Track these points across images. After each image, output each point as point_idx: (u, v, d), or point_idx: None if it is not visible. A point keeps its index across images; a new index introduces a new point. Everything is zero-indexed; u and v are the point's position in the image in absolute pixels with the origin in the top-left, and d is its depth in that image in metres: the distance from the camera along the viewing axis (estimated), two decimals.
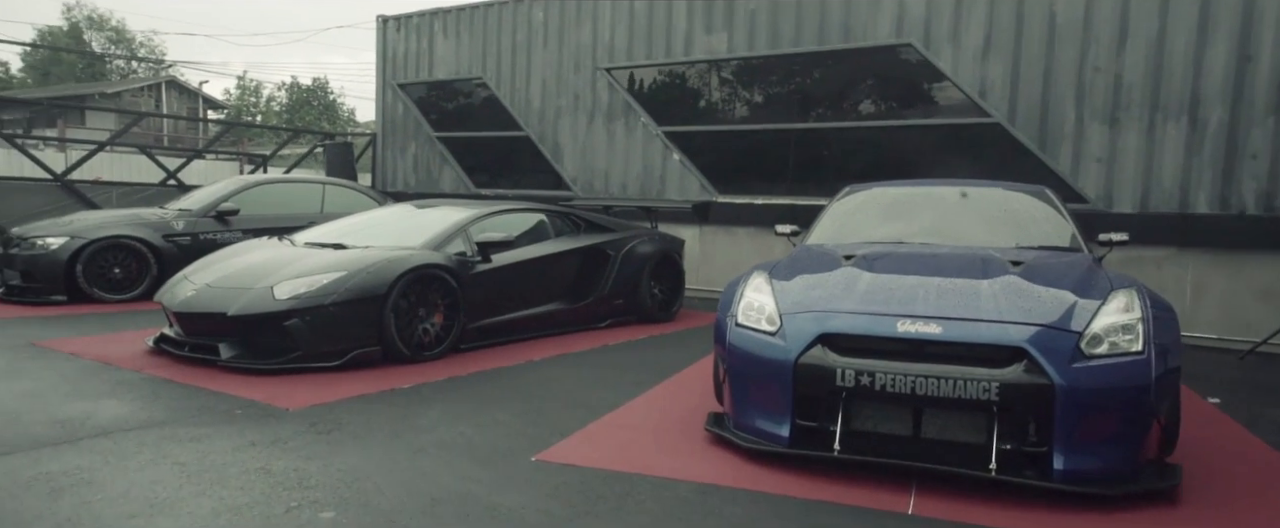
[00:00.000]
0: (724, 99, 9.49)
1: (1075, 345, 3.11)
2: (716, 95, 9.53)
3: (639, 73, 10.00)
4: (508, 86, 11.11)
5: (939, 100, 8.18)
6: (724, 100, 9.49)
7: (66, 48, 40.61)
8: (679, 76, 9.76)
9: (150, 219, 7.73)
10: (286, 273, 4.99)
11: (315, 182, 9.26)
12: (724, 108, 9.48)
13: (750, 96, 9.33)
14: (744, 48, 9.18)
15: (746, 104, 9.35)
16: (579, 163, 10.52)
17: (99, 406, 3.99)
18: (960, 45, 7.95)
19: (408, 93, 12.21)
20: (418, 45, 12.06)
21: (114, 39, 44.88)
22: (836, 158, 8.76)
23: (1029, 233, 4.55)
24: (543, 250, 6.40)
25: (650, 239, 7.48)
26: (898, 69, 8.36)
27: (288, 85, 35.65)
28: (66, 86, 37.21)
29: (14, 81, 43.89)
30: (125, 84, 35.67)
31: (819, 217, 5.17)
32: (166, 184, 10.87)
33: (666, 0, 9.70)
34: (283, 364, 4.73)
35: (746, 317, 3.67)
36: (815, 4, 8.69)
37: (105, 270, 7.33)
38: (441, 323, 5.40)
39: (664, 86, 9.89)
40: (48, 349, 5.32)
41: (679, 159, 9.69)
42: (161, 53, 44.81)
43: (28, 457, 3.21)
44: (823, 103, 8.84)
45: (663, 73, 9.85)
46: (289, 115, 36.75)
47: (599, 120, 10.33)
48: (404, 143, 12.32)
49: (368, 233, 5.97)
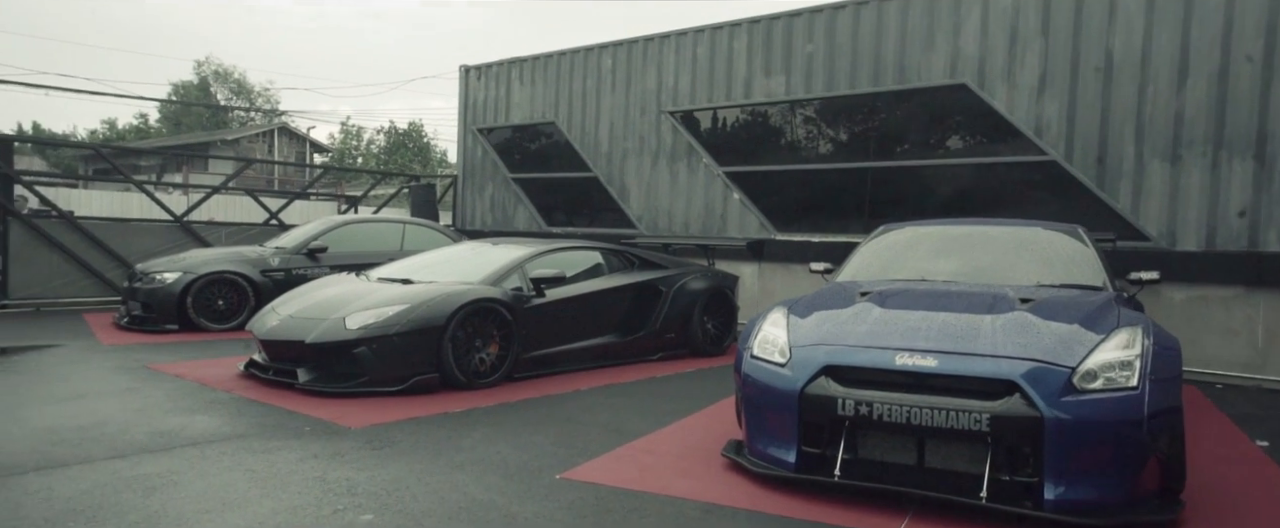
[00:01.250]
0: (783, 140, 9.74)
1: (1067, 380, 3.21)
2: (775, 136, 9.80)
3: (701, 115, 10.38)
4: (578, 130, 11.69)
5: (994, 139, 8.20)
6: (783, 141, 9.74)
7: (194, 101, 44.38)
8: (739, 118, 10.09)
9: (250, 256, 8.57)
10: (357, 305, 5.53)
11: (395, 221, 9.99)
12: (783, 148, 9.72)
13: (808, 137, 9.55)
14: (802, 90, 9.44)
15: (804, 144, 9.57)
16: (644, 202, 10.93)
17: (193, 420, 4.56)
18: (1015, 84, 7.98)
19: (486, 137, 12.97)
20: (496, 92, 12.83)
21: (236, 90, 48.80)
22: (894, 196, 8.84)
23: (1054, 271, 4.62)
24: (595, 286, 6.77)
25: (703, 276, 7.75)
26: (952, 108, 8.44)
27: (385, 130, 37.90)
28: (195, 134, 40.66)
29: (151, 131, 48.22)
30: (243, 131, 38.71)
31: (852, 254, 5.35)
32: (269, 224, 11.89)
33: (727, 45, 10.09)
34: (351, 388, 5.24)
35: (761, 349, 3.91)
36: (870, 47, 8.89)
37: (211, 302, 8.16)
38: (496, 353, 5.82)
39: (725, 128, 10.23)
40: (158, 372, 6.02)
41: (739, 198, 9.96)
42: (276, 102, 48.44)
43: (131, 461, 3.76)
44: (879, 143, 8.97)
45: (723, 115, 10.20)
46: (386, 157, 38.93)
47: (663, 161, 10.74)
48: (482, 184, 13.06)
49: (434, 269, 6.49)
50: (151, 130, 48.03)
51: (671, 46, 10.67)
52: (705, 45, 10.31)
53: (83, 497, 3.24)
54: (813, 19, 9.35)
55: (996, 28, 8.08)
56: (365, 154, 40.06)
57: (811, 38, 9.35)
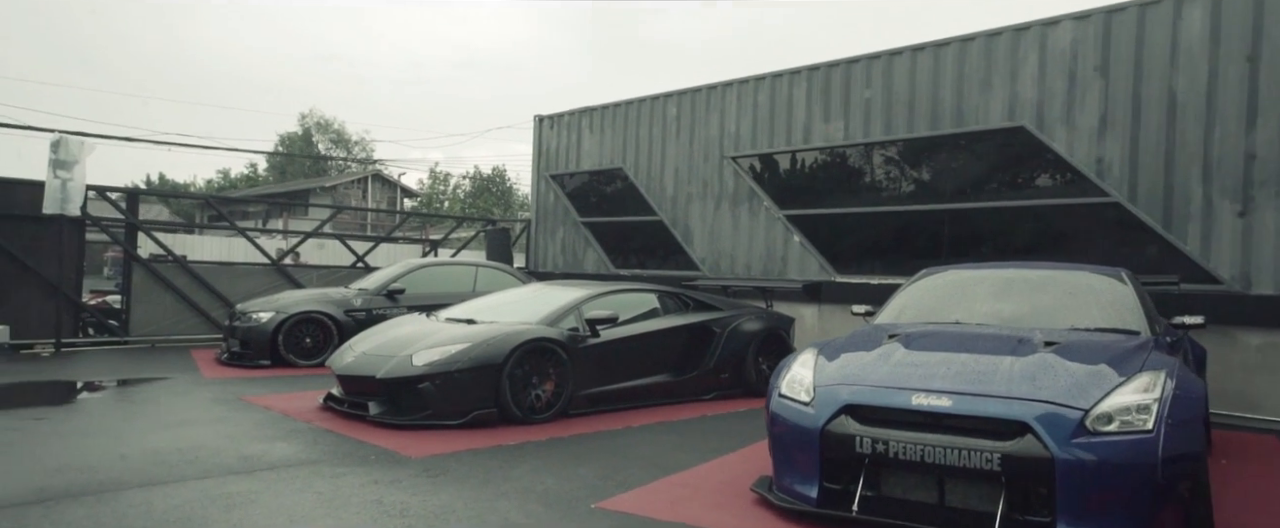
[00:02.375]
0: (841, 183, 9.86)
1: (1079, 422, 3.28)
2: (834, 180, 9.93)
3: (762, 160, 10.62)
4: (644, 175, 12.10)
5: (1055, 181, 8.13)
6: (841, 184, 9.86)
7: (296, 153, 47.49)
8: (799, 163, 10.28)
9: (335, 297, 9.24)
10: (424, 343, 5.97)
11: (469, 264, 10.56)
12: (842, 191, 9.84)
13: (866, 180, 9.65)
14: (860, 134, 9.58)
15: (863, 188, 9.66)
16: (707, 245, 11.19)
17: (273, 447, 5.04)
18: (1074, 126, 7.93)
19: (558, 182, 13.55)
20: (568, 140, 13.43)
21: (335, 140, 51.96)
22: (952, 238, 8.82)
23: (1091, 315, 4.62)
24: (649, 327, 7.05)
25: (758, 317, 7.92)
26: (1012, 151, 8.41)
27: (471, 175, 39.60)
28: (297, 182, 43.45)
29: (260, 178, 51.78)
30: (340, 178, 41.11)
31: (892, 297, 5.46)
32: (356, 266, 12.71)
33: (787, 92, 10.34)
34: (417, 420, 5.65)
35: (788, 388, 4.09)
36: (928, 91, 8.98)
37: (299, 340, 8.83)
38: (552, 390, 6.15)
39: (785, 173, 10.43)
40: (249, 403, 6.61)
41: (799, 241, 10.10)
42: (371, 150, 51.28)
43: (217, 481, 4.22)
44: (937, 185, 8.99)
45: (784, 160, 10.41)
46: (472, 201, 40.55)
47: (725, 205, 11.00)
48: (554, 227, 13.60)
49: (497, 310, 6.91)
50: (260, 178, 51.52)
51: (733, 94, 11.00)
52: (766, 92, 10.60)
53: (175, 511, 3.69)
54: (870, 65, 9.52)
55: (1054, 70, 8.07)
56: (452, 198, 41.81)
57: (869, 83, 9.51)
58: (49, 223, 9.77)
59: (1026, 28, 8.29)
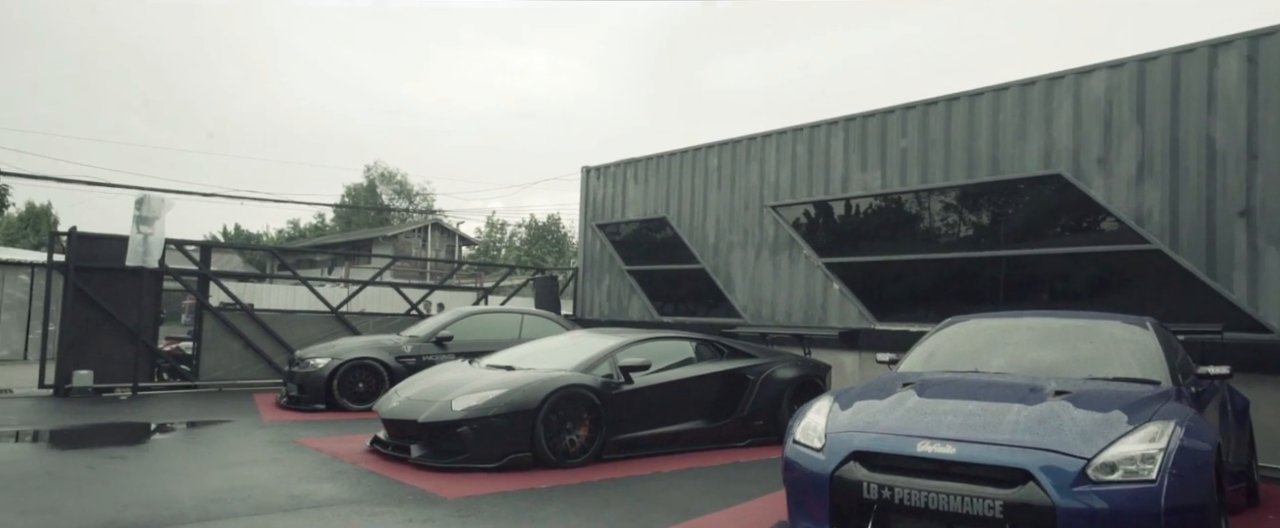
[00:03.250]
0: (879, 231, 9.93)
1: (1081, 470, 3.33)
2: (872, 228, 10.01)
3: (801, 209, 10.78)
4: (687, 224, 12.36)
5: (1094, 228, 8.08)
6: (879, 233, 9.93)
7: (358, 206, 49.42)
8: (837, 212, 10.40)
9: (387, 344, 9.67)
10: (463, 389, 6.26)
11: (515, 312, 10.92)
12: (880, 240, 9.91)
13: (904, 228, 9.70)
14: (897, 183, 9.68)
15: (901, 236, 9.72)
16: (748, 293, 11.32)
17: (320, 487, 5.35)
18: (1112, 173, 7.90)
19: (604, 232, 13.91)
20: (613, 190, 13.81)
21: (398, 190, 53.88)
22: (991, 286, 8.79)
23: (1110, 364, 4.63)
24: (682, 374, 7.21)
25: (793, 365, 8.01)
26: (1049, 198, 8.41)
27: (526, 223, 40.54)
28: (361, 231, 45.14)
29: (327, 228, 53.95)
30: (402, 227, 42.56)
31: (915, 345, 5.53)
32: (410, 314, 13.21)
33: (825, 142, 10.53)
34: (455, 463, 5.91)
35: (802, 435, 4.22)
36: (963, 140, 9.07)
37: (353, 385, 9.25)
38: (586, 435, 6.35)
39: (824, 221, 10.56)
40: (302, 445, 6.98)
41: (839, 289, 10.17)
42: (432, 200, 52.97)
43: (266, 517, 4.53)
44: (975, 233, 9.01)
45: (822, 208, 10.55)
46: (527, 249, 41.42)
47: (765, 253, 11.15)
48: (600, 275, 13.92)
49: (536, 357, 7.18)
50: (327, 228, 53.63)
51: (773, 144, 11.23)
52: (804, 143, 10.80)
53: None
54: (906, 115, 9.66)
55: (1089, 118, 8.09)
56: (508, 246, 42.79)
57: (905, 133, 9.63)
58: (131, 274, 10.51)
59: (1060, 77, 8.35)
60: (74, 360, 10.17)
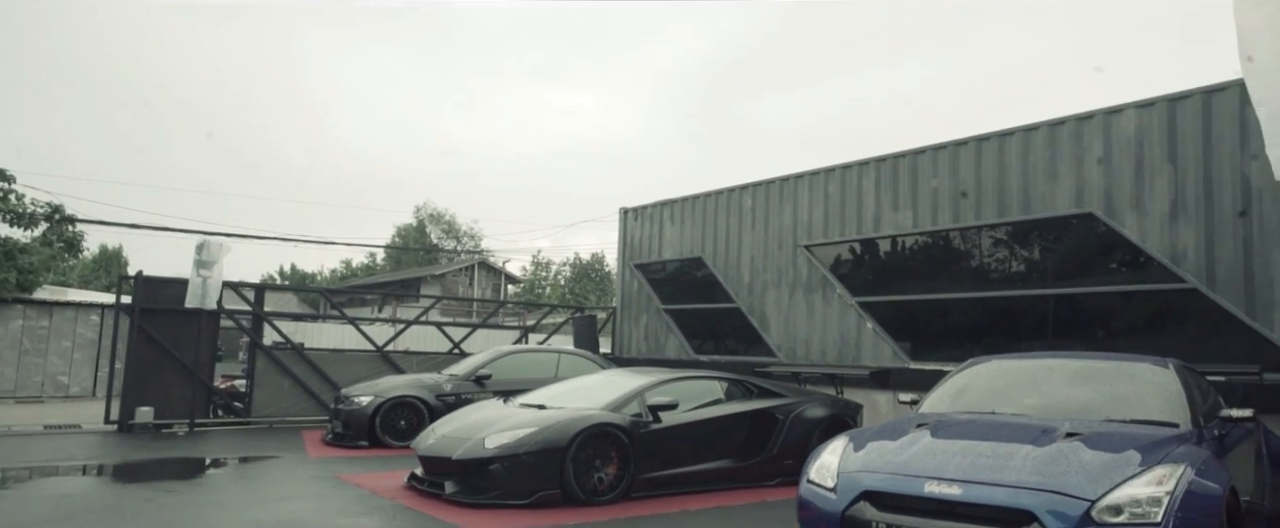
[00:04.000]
0: (912, 271, 9.96)
1: (1085, 512, 3.38)
2: (905, 267, 10.04)
3: (834, 248, 10.86)
4: (722, 264, 12.52)
5: (1127, 267, 8.01)
6: (912, 272, 9.95)
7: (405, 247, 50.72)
8: (870, 251, 10.46)
9: (428, 382, 9.97)
10: (496, 427, 6.48)
11: (552, 351, 11.15)
12: (912, 279, 9.92)
13: (937, 268, 9.71)
14: (929, 222, 9.72)
15: (934, 275, 9.72)
16: (783, 332, 11.39)
17: (357, 521, 5.60)
18: (1145, 212, 7.85)
19: (642, 271, 14.14)
20: (650, 231, 14.07)
21: (447, 230, 55.16)
22: (1025, 325, 8.73)
23: (1129, 405, 4.63)
24: (710, 413, 7.32)
25: (823, 404, 8.05)
26: (1081, 237, 8.37)
27: (571, 262, 41.16)
28: (411, 270, 46.27)
29: (377, 268, 55.42)
30: (449, 266, 43.51)
31: (936, 386, 5.58)
32: (452, 352, 13.55)
33: (856, 182, 10.64)
34: (487, 500, 6.10)
35: (816, 474, 4.32)
36: (993, 179, 9.10)
37: (395, 422, 9.55)
38: (614, 473, 6.49)
39: (857, 260, 10.62)
40: (343, 481, 7.26)
41: (872, 328, 10.18)
42: (479, 238, 54.07)
43: None
44: (1007, 272, 8.98)
45: (855, 248, 10.62)
46: (571, 287, 41.93)
47: (800, 292, 11.23)
48: (638, 314, 14.11)
49: (568, 396, 7.38)
50: (378, 268, 55.04)
51: (805, 185, 11.38)
52: (836, 183, 10.93)
53: None
54: (936, 155, 9.73)
55: (1120, 157, 8.07)
56: (552, 284, 43.36)
57: (936, 173, 9.70)
58: (190, 315, 11.07)
59: (1089, 116, 8.37)
60: (137, 398, 10.70)
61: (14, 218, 17.06)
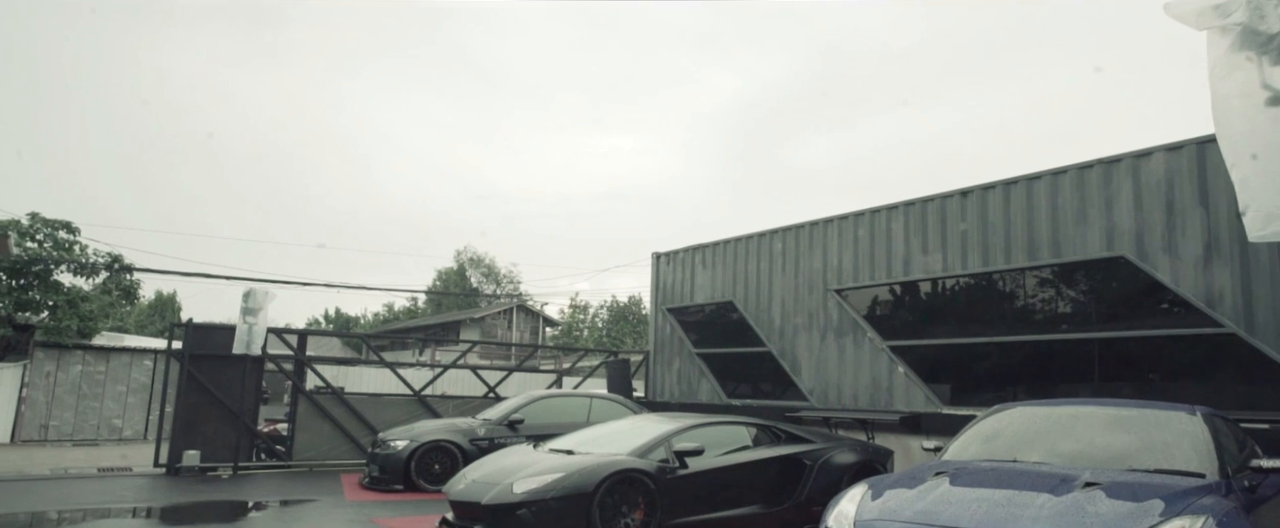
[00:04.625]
0: (942, 315, 9.91)
1: None
2: (935, 311, 10.00)
3: (863, 292, 10.87)
4: (753, 308, 12.57)
5: (1161, 311, 7.90)
6: (943, 316, 9.91)
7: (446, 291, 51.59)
8: (900, 295, 10.45)
9: (462, 426, 10.15)
10: (525, 472, 6.60)
11: (584, 396, 11.28)
12: (943, 323, 9.87)
13: (967, 312, 9.66)
14: (958, 266, 9.70)
15: (964, 319, 9.67)
16: (814, 376, 11.36)
17: None
18: (1178, 256, 7.77)
19: (674, 315, 14.24)
20: (682, 275, 14.21)
21: (486, 274, 56.00)
22: (1058, 369, 8.61)
23: (1153, 454, 4.58)
24: (737, 459, 7.35)
25: (852, 450, 8.01)
26: (1113, 281, 8.29)
27: (608, 304, 41.42)
28: (451, 313, 46.96)
29: (419, 311, 56.32)
30: (488, 310, 44.06)
31: (960, 432, 5.57)
32: (488, 396, 13.75)
33: (885, 226, 10.69)
34: None
35: (835, 522, 4.35)
36: (1022, 222, 9.08)
37: (429, 466, 9.73)
38: (641, 519, 6.55)
39: (887, 304, 10.60)
40: (377, 525, 7.43)
41: (903, 372, 10.12)
42: (519, 281, 54.75)
43: None
44: (1039, 316, 8.90)
45: (885, 292, 10.62)
46: (609, 330, 42.09)
47: (830, 337, 11.22)
48: (670, 358, 14.18)
49: (596, 441, 7.48)
50: (419, 311, 55.95)
51: (835, 229, 11.45)
52: (865, 227, 10.98)
53: None
54: (964, 199, 9.76)
55: (1151, 201, 8.02)
56: (590, 327, 43.59)
57: (964, 217, 9.71)
58: (236, 361, 11.47)
59: (1117, 160, 8.35)
60: (185, 441, 11.07)
61: (77, 268, 17.89)
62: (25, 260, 17.18)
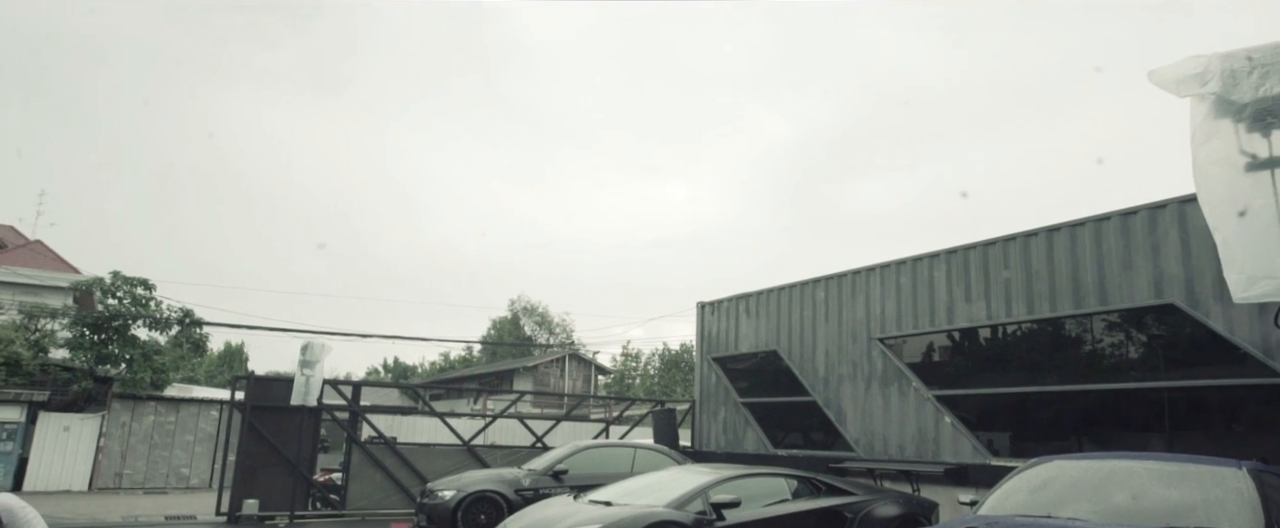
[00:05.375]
0: (989, 364, 9.76)
1: None
2: (981, 360, 9.85)
3: (907, 341, 10.77)
4: (797, 357, 12.53)
5: (1214, 361, 7.65)
6: (989, 365, 9.75)
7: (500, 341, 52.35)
8: (944, 343, 10.33)
9: (507, 477, 10.32)
10: (562, 524, 6.71)
11: (628, 446, 11.34)
12: (989, 372, 9.71)
13: (1014, 361, 9.49)
14: (1003, 314, 9.57)
15: (1011, 367, 9.50)
16: (860, 426, 11.22)
17: None
18: (1231, 303, 7.50)
19: (719, 365, 14.26)
20: (726, 324, 14.26)
21: (540, 322, 56.63)
22: (1107, 420, 8.38)
23: (1195, 512, 4.46)
24: (776, 511, 7.33)
25: (895, 502, 7.90)
26: (1163, 329, 8.09)
27: (660, 352, 41.39)
28: (504, 362, 47.55)
29: (474, 360, 57.16)
30: (541, 358, 44.49)
31: (996, 486, 5.50)
32: (535, 446, 13.91)
33: (928, 274, 10.63)
34: None
35: None
36: (1067, 270, 8.95)
37: (475, 516, 9.88)
38: None
39: (931, 353, 10.48)
40: None
41: (950, 422, 9.94)
42: (572, 329, 55.18)
43: None
44: (1086, 365, 8.70)
45: (929, 340, 10.50)
46: (661, 378, 41.97)
47: (876, 386, 11.10)
48: (716, 408, 14.16)
49: (635, 493, 7.55)
50: (474, 359, 56.77)
51: (877, 278, 11.42)
52: (907, 275, 10.93)
53: None
54: (1007, 246, 9.67)
55: (1199, 247, 7.85)
56: (642, 375, 43.55)
57: (1007, 264, 9.61)
58: (294, 412, 11.92)
59: (1162, 206, 8.22)
60: (245, 490, 11.49)
61: (152, 322, 18.86)
62: (107, 316, 18.21)
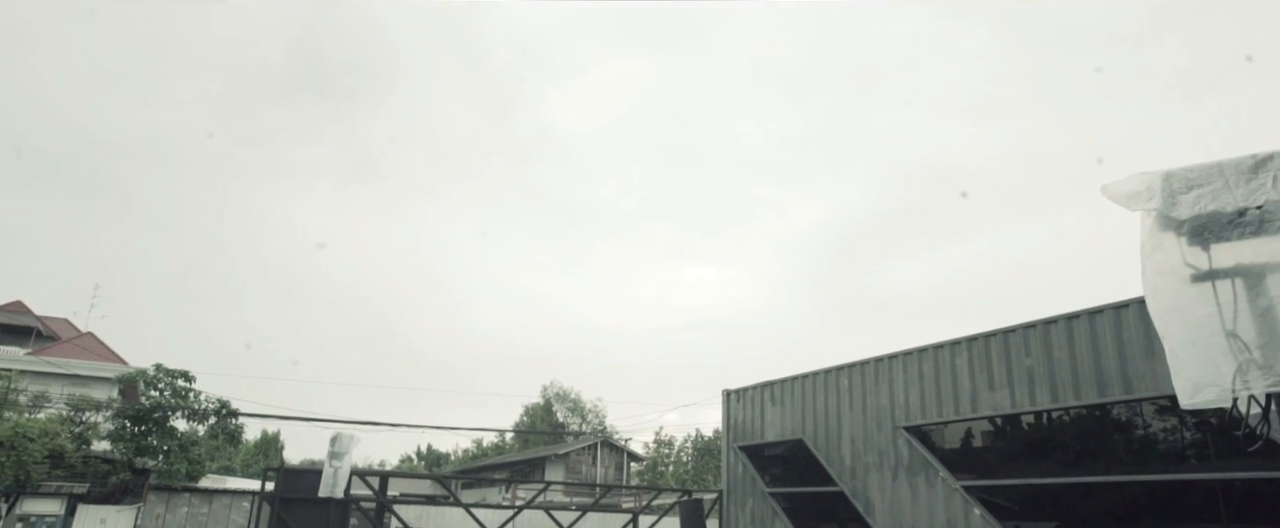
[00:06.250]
0: (1015, 453, 9.58)
1: None
2: (1007, 449, 9.69)
3: (932, 430, 10.64)
4: (823, 446, 12.39)
5: (1250, 453, 7.46)
6: (1015, 454, 9.58)
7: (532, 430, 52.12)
8: (969, 432, 10.18)
9: None
10: None
11: None
12: (1016, 461, 9.52)
13: (1040, 450, 9.32)
14: (1027, 402, 9.46)
15: (1037, 458, 9.32)
16: (888, 517, 10.97)
17: None
18: None
19: (746, 453, 14.11)
20: (752, 413, 14.19)
21: (572, 408, 56.35)
22: (1141, 511, 8.14)
23: None
24: None
25: None
26: (1192, 418, 7.93)
27: (692, 438, 40.79)
28: (538, 449, 47.17)
29: (507, 446, 56.80)
30: (573, 445, 44.06)
31: None
32: None
33: (950, 362, 10.58)
34: None
35: None
36: (1089, 358, 8.88)
37: None
38: None
39: (956, 442, 10.33)
40: None
41: (980, 514, 9.70)
42: (603, 416, 54.77)
43: None
44: (1114, 455, 8.52)
45: (954, 429, 10.37)
46: (694, 464, 41.21)
47: (902, 476, 10.91)
48: (743, 498, 13.93)
49: None
50: (507, 446, 56.42)
51: (900, 365, 11.38)
52: (930, 363, 10.89)
53: None
54: (1027, 334, 9.64)
55: None
56: (676, 461, 42.83)
57: (1029, 352, 9.56)
58: (322, 504, 12.03)
59: None
60: None
61: (190, 413, 19.31)
62: (148, 408, 18.70)
